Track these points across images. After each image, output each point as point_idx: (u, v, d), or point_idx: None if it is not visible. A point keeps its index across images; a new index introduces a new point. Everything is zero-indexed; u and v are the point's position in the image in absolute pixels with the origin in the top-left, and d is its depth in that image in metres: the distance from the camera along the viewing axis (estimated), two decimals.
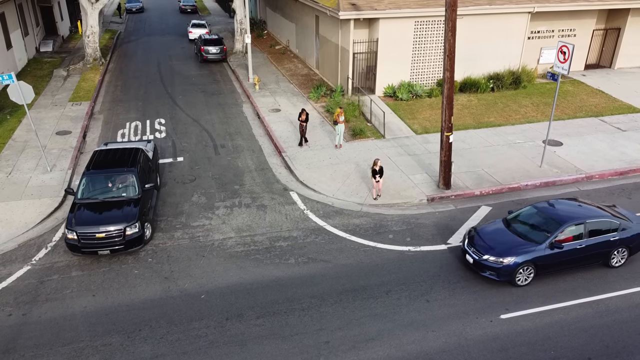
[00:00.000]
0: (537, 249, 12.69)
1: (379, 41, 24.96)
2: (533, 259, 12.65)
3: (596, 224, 13.13)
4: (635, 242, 13.52)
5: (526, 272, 12.75)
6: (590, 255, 13.15)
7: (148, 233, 14.70)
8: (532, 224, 13.40)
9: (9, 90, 17.49)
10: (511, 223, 13.74)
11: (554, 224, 13.00)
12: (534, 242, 12.85)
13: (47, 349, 11.00)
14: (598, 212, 13.42)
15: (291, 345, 11.12)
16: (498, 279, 12.74)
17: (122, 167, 15.45)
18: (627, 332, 11.45)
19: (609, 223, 13.26)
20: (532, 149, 20.38)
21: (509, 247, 12.84)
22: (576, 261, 13.08)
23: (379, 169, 16.35)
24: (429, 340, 11.25)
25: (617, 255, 13.49)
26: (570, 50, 16.95)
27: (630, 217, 13.95)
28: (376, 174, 16.37)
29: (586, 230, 13.03)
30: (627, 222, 13.55)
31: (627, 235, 13.36)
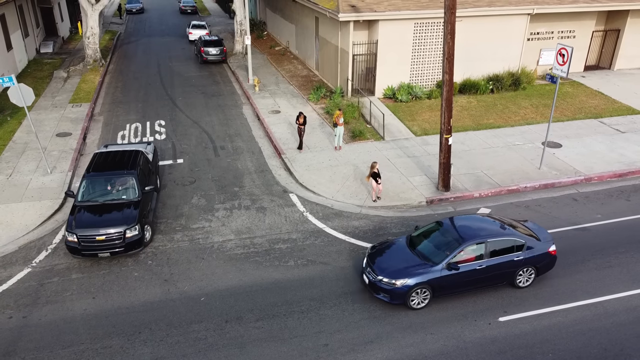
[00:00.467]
0: (433, 270, 11.98)
1: (379, 43, 25.00)
2: (428, 280, 11.93)
3: (499, 243, 12.44)
4: (543, 262, 12.84)
5: (421, 294, 12.04)
6: (493, 275, 12.46)
7: (148, 235, 14.75)
8: (432, 243, 12.66)
9: (9, 92, 17.54)
10: (414, 241, 13.04)
11: (453, 244, 12.33)
12: (431, 262, 12.16)
13: (47, 351, 11.04)
14: (502, 231, 12.73)
15: (290, 347, 11.17)
16: (391, 302, 12.08)
17: (122, 169, 15.48)
18: (624, 335, 11.49)
19: (513, 242, 12.57)
20: (531, 151, 20.42)
21: (404, 267, 12.13)
22: (477, 282, 12.41)
23: (378, 171, 16.42)
24: (427, 343, 11.30)
25: (523, 275, 12.80)
26: (569, 52, 16.99)
27: (541, 234, 13.29)
28: (377, 177, 16.40)
29: (487, 250, 12.32)
30: (534, 241, 12.85)
31: (533, 255, 12.67)
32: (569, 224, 15.83)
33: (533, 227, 13.66)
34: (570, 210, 16.62)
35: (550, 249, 12.95)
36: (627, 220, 15.99)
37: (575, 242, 14.88)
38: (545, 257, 12.88)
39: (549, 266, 13.06)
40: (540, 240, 13.02)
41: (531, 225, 13.78)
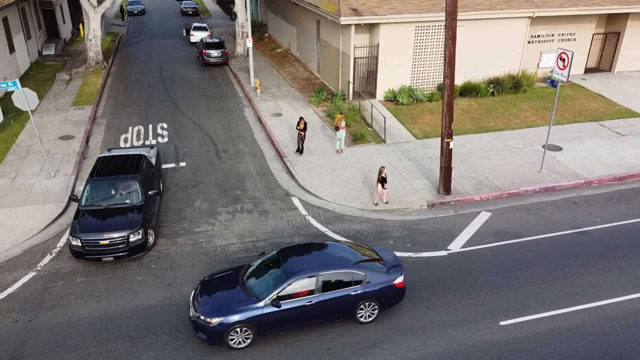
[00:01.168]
0: (255, 307, 11.09)
1: (380, 46, 25.12)
2: (248, 319, 11.01)
3: (334, 277, 11.51)
4: (387, 296, 11.85)
5: (242, 333, 11.13)
6: (327, 312, 11.54)
7: (151, 239, 14.87)
8: (263, 276, 11.82)
9: (13, 97, 17.66)
10: (249, 271, 12.20)
11: (282, 277, 11.44)
12: (255, 298, 11.27)
13: (53, 355, 11.17)
14: (339, 263, 11.73)
15: (293, 352, 11.29)
16: (209, 342, 11.11)
17: (126, 174, 15.58)
18: (624, 339, 11.61)
19: (351, 275, 11.61)
20: (531, 154, 20.54)
21: (226, 304, 11.23)
22: (309, 319, 11.49)
23: (385, 176, 16.54)
24: (429, 347, 11.42)
25: (364, 310, 11.83)
26: (569, 57, 17.11)
27: (390, 264, 12.28)
28: (384, 182, 16.52)
29: (319, 284, 11.39)
30: (377, 273, 11.85)
31: (375, 288, 11.70)
32: (569, 227, 15.94)
33: (385, 257, 12.61)
34: (570, 213, 16.73)
35: (395, 281, 11.93)
36: (627, 223, 16.10)
37: (575, 246, 14.99)
38: (388, 291, 11.86)
39: (395, 299, 12.07)
40: (387, 272, 12.04)
41: (385, 255, 12.71)
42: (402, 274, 12.15)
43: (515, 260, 14.35)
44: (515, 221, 16.31)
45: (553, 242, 15.18)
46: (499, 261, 14.33)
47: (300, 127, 20.26)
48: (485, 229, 15.94)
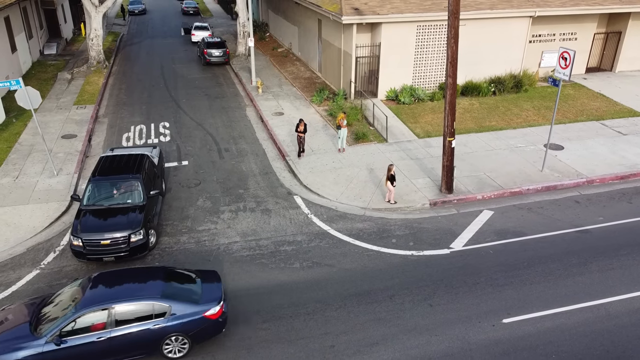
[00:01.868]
0: (34, 345, 9.97)
1: (382, 45, 25.16)
2: (24, 358, 9.87)
3: (128, 308, 10.46)
4: (197, 329, 10.79)
5: None
6: (124, 348, 10.48)
7: (153, 240, 14.86)
8: (54, 308, 10.73)
9: (16, 95, 17.69)
10: (48, 301, 11.14)
11: (72, 310, 10.38)
12: (37, 334, 10.19)
13: None
14: (136, 294, 10.69)
15: (297, 349, 11.32)
16: None
17: (128, 173, 15.55)
18: (627, 337, 11.63)
19: (151, 306, 10.56)
20: (533, 153, 20.56)
21: (7, 339, 10.14)
22: (103, 356, 10.43)
23: (394, 174, 16.60)
24: (432, 344, 11.45)
25: (171, 344, 10.82)
26: (571, 56, 17.13)
27: (208, 293, 11.28)
28: (393, 179, 16.55)
29: (113, 318, 10.36)
30: (184, 305, 10.77)
31: (181, 321, 10.66)
32: (571, 226, 15.97)
33: (206, 284, 11.60)
34: (572, 212, 16.76)
35: (208, 312, 10.86)
36: (629, 222, 16.13)
37: (578, 244, 15.02)
38: (199, 323, 10.79)
39: (209, 332, 11.02)
40: (200, 302, 10.98)
41: (207, 282, 11.69)
42: (221, 304, 11.10)
43: (518, 259, 14.38)
44: (518, 220, 16.34)
45: (555, 241, 15.21)
46: (502, 259, 14.36)
47: (300, 129, 19.96)
48: (487, 227, 15.97)
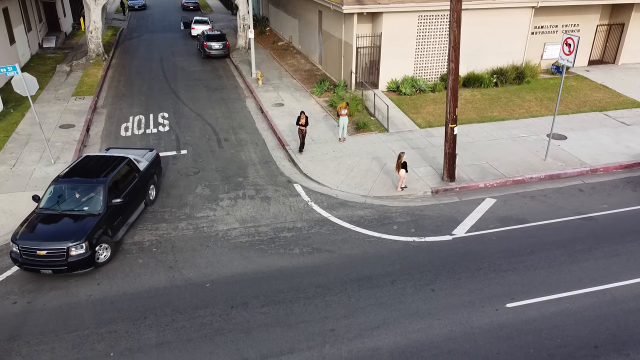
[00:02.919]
0: None
1: (383, 36, 24.93)
2: None
3: None
4: None
5: None
6: None
7: (105, 255, 13.23)
8: None
9: (13, 82, 17.48)
10: None
11: None
12: None
13: (52, 335, 10.98)
14: None
15: (296, 332, 11.10)
16: None
17: (91, 178, 14.04)
18: (633, 322, 11.40)
19: None
20: (536, 143, 20.33)
21: None
22: None
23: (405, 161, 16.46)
24: (434, 328, 11.22)
25: None
26: (575, 42, 16.90)
27: None
28: (405, 166, 16.38)
29: None
30: None
31: None
32: (575, 213, 15.74)
33: None
34: (576, 200, 16.53)
35: None
36: (634, 210, 15.89)
37: (582, 231, 14.79)
38: None
39: None
40: None
41: None
42: None
43: (521, 245, 14.14)
44: (521, 207, 16.11)
45: (559, 228, 14.98)
46: (505, 246, 14.13)
47: (301, 123, 19.24)
48: (490, 215, 15.74)
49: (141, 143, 20.91)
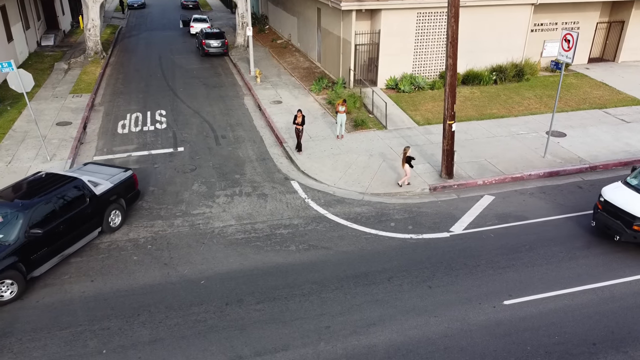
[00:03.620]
0: None
1: (381, 33, 24.80)
2: None
3: None
4: None
5: None
6: None
7: (12, 292, 11.64)
8: None
9: (8, 78, 17.36)
10: None
11: None
12: None
13: (44, 332, 10.87)
14: None
15: (292, 329, 10.98)
16: None
17: (15, 200, 12.37)
18: (632, 319, 11.28)
19: None
20: (535, 140, 20.20)
21: None
22: None
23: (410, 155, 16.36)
24: (431, 325, 11.10)
25: None
26: (574, 38, 16.76)
27: None
28: (410, 161, 16.24)
29: None
30: None
31: None
32: (574, 210, 15.61)
33: None
34: (575, 197, 16.40)
35: None
36: None
37: (581, 228, 14.66)
38: None
39: None
40: None
41: None
42: None
43: (520, 242, 14.02)
44: (519, 204, 15.99)
45: (558, 225, 14.85)
46: (503, 243, 14.00)
47: (297, 122, 18.96)
48: (488, 211, 15.61)
49: (138, 140, 20.80)
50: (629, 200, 13.41)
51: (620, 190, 13.88)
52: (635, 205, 13.20)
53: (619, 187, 14.01)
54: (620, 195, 13.69)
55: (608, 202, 13.77)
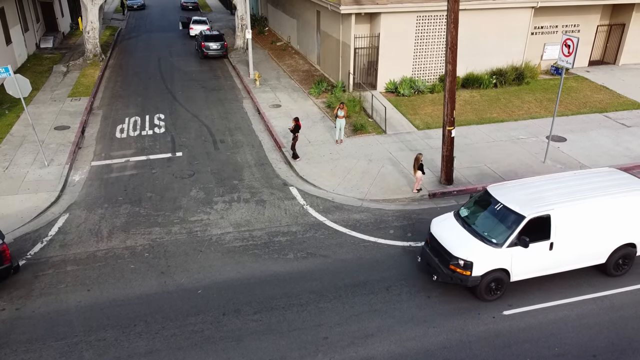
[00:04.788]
0: None
1: (381, 36, 24.69)
2: None
3: None
4: None
5: None
6: None
7: None
8: None
9: (5, 83, 17.28)
10: None
11: None
12: None
13: (40, 344, 10.78)
14: None
15: (289, 341, 10.89)
16: None
17: None
18: (632, 329, 11.18)
19: None
20: (535, 145, 20.10)
21: None
22: None
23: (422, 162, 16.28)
24: (429, 336, 11.01)
25: None
26: (574, 43, 16.66)
27: None
28: (422, 168, 16.19)
29: None
30: None
31: None
32: None
33: None
34: None
35: None
36: None
37: None
38: None
39: None
40: None
41: None
42: None
43: None
44: None
45: None
46: None
47: (290, 128, 18.73)
48: None
49: (136, 145, 20.70)
50: (452, 234, 12.09)
51: (447, 222, 12.61)
52: (455, 241, 11.85)
53: (447, 219, 12.75)
54: (444, 229, 12.40)
55: (432, 235, 12.49)
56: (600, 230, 12.07)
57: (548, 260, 11.90)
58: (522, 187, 12.67)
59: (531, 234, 11.51)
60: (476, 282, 11.54)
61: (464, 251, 11.56)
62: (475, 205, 12.74)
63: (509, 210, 11.82)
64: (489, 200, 12.48)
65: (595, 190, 12.25)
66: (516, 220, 11.51)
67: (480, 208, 12.56)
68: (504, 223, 11.72)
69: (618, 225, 12.17)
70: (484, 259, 11.42)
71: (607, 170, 13.56)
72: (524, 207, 11.67)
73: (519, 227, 11.40)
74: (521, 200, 11.97)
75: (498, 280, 11.72)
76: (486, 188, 13.03)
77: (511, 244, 11.43)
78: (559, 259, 11.98)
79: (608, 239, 12.23)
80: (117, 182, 17.72)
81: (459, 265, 11.51)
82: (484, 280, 11.58)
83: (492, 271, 11.57)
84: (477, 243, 11.65)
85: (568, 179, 12.92)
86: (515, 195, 12.26)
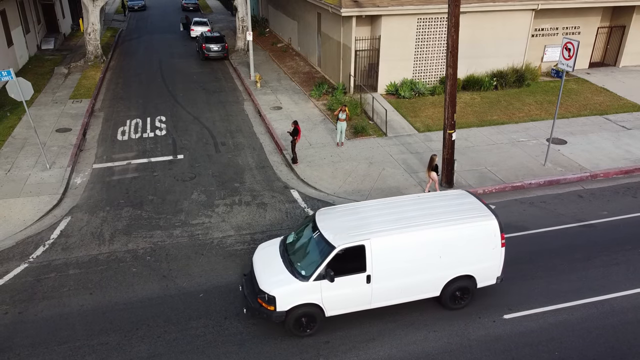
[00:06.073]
0: None
1: (381, 38, 24.75)
2: None
3: None
4: None
5: None
6: None
7: None
8: None
9: (7, 86, 17.33)
10: None
11: None
12: None
13: (42, 348, 10.84)
14: None
15: (290, 344, 10.94)
16: None
17: None
18: (632, 333, 11.23)
19: None
20: (535, 147, 20.15)
21: None
22: None
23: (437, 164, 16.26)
24: (430, 340, 11.06)
25: None
26: (575, 46, 16.70)
27: None
28: (437, 169, 16.18)
29: None
30: None
31: None
32: (575, 220, 15.56)
33: None
34: (575, 206, 16.34)
35: None
36: (634, 217, 15.71)
37: (581, 239, 14.61)
38: None
39: None
40: None
41: None
42: None
43: (520, 253, 13.97)
44: (520, 214, 15.93)
45: (558, 235, 14.80)
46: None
47: (288, 130, 18.55)
48: None
49: (138, 147, 20.76)
50: (266, 263, 11.13)
51: (269, 249, 11.68)
52: (265, 272, 10.89)
53: (271, 246, 11.84)
54: (262, 256, 11.49)
55: (252, 262, 11.50)
56: (430, 262, 11.04)
57: (367, 294, 10.90)
58: (351, 212, 11.60)
59: (346, 265, 10.56)
60: (281, 318, 10.63)
61: (268, 284, 10.62)
62: (302, 231, 11.71)
63: (323, 239, 10.80)
64: (314, 226, 11.35)
65: (431, 217, 11.22)
66: (326, 251, 10.51)
67: (304, 234, 11.52)
68: (316, 253, 10.73)
69: (452, 256, 11.14)
70: (288, 294, 10.48)
71: (456, 193, 12.40)
72: (337, 236, 10.64)
73: (327, 259, 10.41)
74: (339, 228, 10.91)
75: (309, 315, 10.76)
76: (315, 212, 12.00)
77: (319, 276, 10.44)
78: (381, 293, 10.98)
79: (440, 271, 11.19)
80: (118, 184, 17.78)
81: (264, 299, 10.57)
82: (290, 316, 10.64)
83: (300, 306, 10.62)
84: (285, 276, 10.68)
85: (407, 204, 11.82)
86: (337, 221, 11.20)
